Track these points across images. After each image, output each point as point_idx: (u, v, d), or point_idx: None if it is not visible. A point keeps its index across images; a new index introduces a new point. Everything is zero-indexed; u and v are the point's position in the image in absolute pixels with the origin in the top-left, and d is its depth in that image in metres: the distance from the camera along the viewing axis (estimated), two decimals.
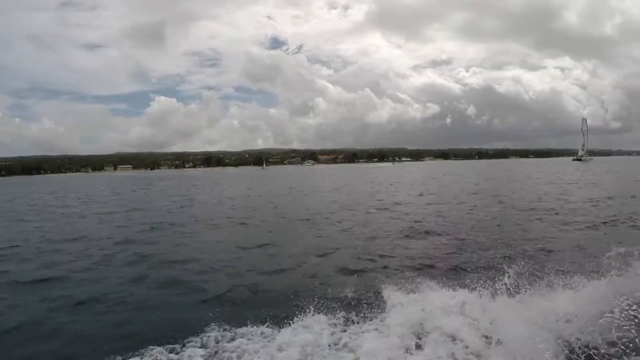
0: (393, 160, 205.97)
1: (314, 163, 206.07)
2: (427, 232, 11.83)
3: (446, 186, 30.90)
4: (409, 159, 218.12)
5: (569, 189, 24.14)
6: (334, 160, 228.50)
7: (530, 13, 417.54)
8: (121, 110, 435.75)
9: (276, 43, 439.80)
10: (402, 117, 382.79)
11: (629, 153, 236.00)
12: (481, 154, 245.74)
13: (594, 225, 11.91)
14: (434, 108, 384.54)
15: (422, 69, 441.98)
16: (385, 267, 8.23)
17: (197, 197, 29.14)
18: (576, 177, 37.58)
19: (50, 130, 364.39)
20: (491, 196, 21.37)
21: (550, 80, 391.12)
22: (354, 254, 9.53)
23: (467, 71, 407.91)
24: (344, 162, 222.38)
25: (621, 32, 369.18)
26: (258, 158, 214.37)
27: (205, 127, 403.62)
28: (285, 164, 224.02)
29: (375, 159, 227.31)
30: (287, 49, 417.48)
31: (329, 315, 5.30)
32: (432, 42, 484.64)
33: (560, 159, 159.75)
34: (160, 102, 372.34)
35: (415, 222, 13.80)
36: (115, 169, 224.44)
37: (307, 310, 5.32)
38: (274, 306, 5.93)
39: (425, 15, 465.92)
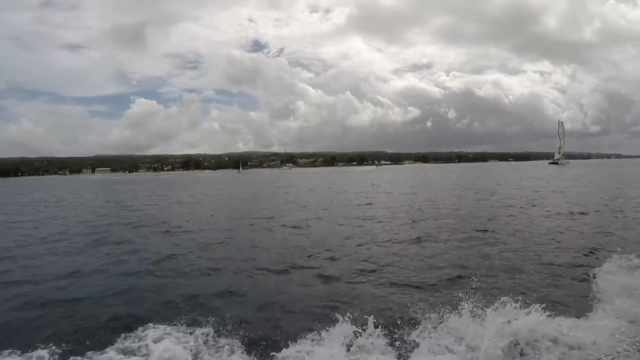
0: (377, 164, 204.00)
1: (292, 166, 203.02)
2: (293, 267, 8.37)
3: (399, 195, 27.33)
4: (388, 163, 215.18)
5: (534, 200, 20.47)
6: (313, 164, 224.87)
7: (510, 18, 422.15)
8: (101, 112, 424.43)
9: (257, 46, 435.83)
10: (382, 120, 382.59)
11: (608, 156, 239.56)
12: (460, 157, 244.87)
13: (544, 273, 7.46)
14: (414, 112, 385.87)
15: (402, 73, 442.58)
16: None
17: (132, 204, 27.34)
18: (547, 182, 35.06)
19: (29, 132, 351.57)
20: (437, 210, 17.66)
21: (530, 84, 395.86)
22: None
23: (447, 75, 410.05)
24: (324, 165, 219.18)
25: (600, 37, 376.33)
26: (236, 161, 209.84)
27: (186, 130, 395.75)
28: (264, 167, 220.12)
29: (355, 163, 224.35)
30: (268, 52, 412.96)
31: None
32: (412, 46, 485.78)
33: (538, 162, 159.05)
34: (141, 104, 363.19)
35: (300, 247, 10.37)
36: (93, 171, 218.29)
37: None
38: None
39: (406, 19, 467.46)
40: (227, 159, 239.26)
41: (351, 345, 4.42)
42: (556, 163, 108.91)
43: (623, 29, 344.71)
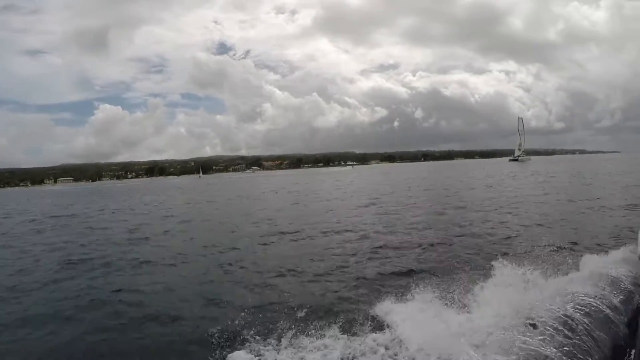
0: (343, 164, 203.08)
1: (256, 169, 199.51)
2: None
3: (316, 207, 24.49)
4: (354, 163, 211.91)
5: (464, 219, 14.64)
6: (279, 166, 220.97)
7: (476, 18, 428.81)
8: (65, 120, 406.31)
9: (223, 48, 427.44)
10: (350, 121, 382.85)
11: (572, 152, 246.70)
12: (427, 156, 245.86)
13: None
14: (381, 112, 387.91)
15: (369, 74, 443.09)
16: None
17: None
18: (494, 182, 32.90)
19: None
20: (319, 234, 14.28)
21: (495, 84, 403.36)
22: None
23: (414, 75, 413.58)
24: (290, 167, 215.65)
25: (564, 37, 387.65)
26: (202, 166, 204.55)
27: (152, 136, 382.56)
28: (230, 171, 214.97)
29: (321, 164, 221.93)
30: (234, 55, 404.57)
31: None
32: (379, 47, 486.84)
33: (503, 158, 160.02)
34: (105, 111, 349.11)
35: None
36: (55, 182, 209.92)
37: None
38: None
39: (372, 21, 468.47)
40: (192, 164, 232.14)
41: None
42: (516, 160, 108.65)
43: (586, 30, 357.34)
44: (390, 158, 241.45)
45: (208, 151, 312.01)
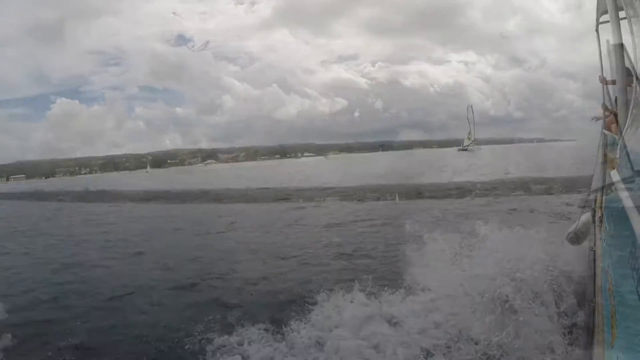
0: (299, 155, 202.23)
1: (210, 162, 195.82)
2: None
3: None
4: (312, 154, 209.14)
5: None
6: (235, 159, 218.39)
7: (436, 9, 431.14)
8: (20, 115, 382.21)
9: (182, 40, 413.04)
10: (310, 112, 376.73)
11: (530, 141, 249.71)
12: (385, 146, 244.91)
13: None
14: (342, 103, 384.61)
15: (329, 64, 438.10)
16: None
17: None
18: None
19: None
20: None
21: (455, 74, 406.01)
22: None
23: (373, 66, 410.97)
24: (246, 159, 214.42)
25: (523, 29, 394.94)
26: (156, 160, 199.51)
27: (111, 130, 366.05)
28: (186, 164, 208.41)
29: (278, 156, 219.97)
30: (193, 46, 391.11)
31: None
32: (339, 38, 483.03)
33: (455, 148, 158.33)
34: (62, 105, 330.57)
35: None
36: (7, 179, 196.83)
37: None
38: None
39: (332, 11, 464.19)
40: (150, 158, 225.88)
41: None
42: (465, 149, 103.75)
43: (545, 22, 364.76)
44: (349, 149, 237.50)
45: (168, 144, 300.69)
